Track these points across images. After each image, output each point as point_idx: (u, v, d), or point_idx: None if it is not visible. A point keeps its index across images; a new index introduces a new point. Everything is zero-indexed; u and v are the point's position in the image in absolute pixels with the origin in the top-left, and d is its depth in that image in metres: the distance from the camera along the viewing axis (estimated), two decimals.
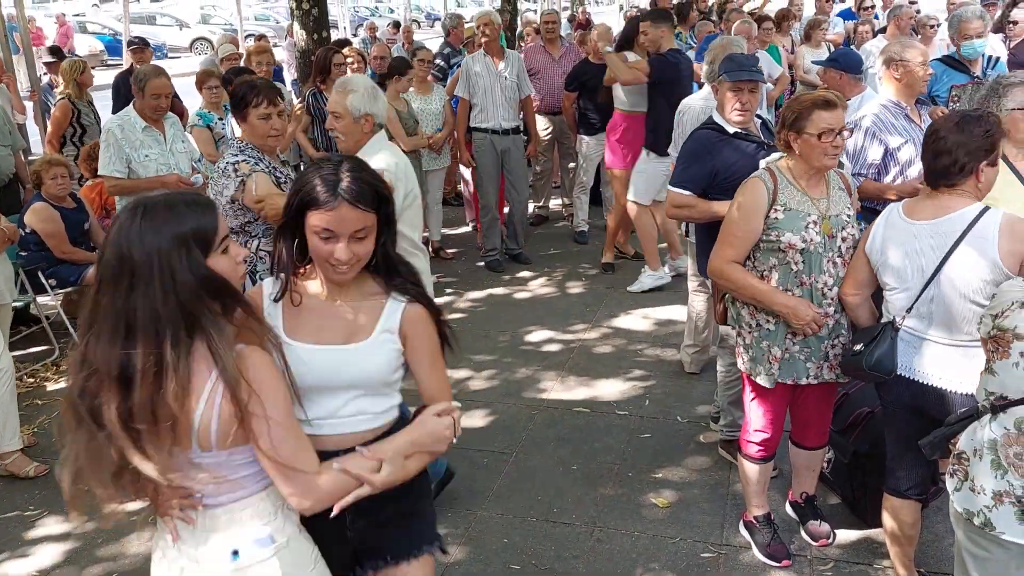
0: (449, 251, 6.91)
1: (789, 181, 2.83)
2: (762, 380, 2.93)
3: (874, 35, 7.68)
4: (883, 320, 2.67)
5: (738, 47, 4.09)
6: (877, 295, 2.76)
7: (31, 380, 4.84)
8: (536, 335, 5.27)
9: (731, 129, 3.47)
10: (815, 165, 2.78)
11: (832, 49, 7.22)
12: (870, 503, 3.12)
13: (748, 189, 2.86)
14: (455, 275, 6.42)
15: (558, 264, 6.63)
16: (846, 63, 4.36)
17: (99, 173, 4.36)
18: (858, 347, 2.63)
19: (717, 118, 3.54)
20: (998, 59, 5.21)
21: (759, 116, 3.70)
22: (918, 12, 7.30)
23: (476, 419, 4.24)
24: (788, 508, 3.37)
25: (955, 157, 2.46)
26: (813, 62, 4.93)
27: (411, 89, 6.42)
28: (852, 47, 7.88)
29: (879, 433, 2.95)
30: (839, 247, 2.81)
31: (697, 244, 3.91)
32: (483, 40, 6.37)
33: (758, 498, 3.18)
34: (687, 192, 3.52)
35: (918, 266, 2.52)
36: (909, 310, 2.56)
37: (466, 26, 9.46)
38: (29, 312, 5.44)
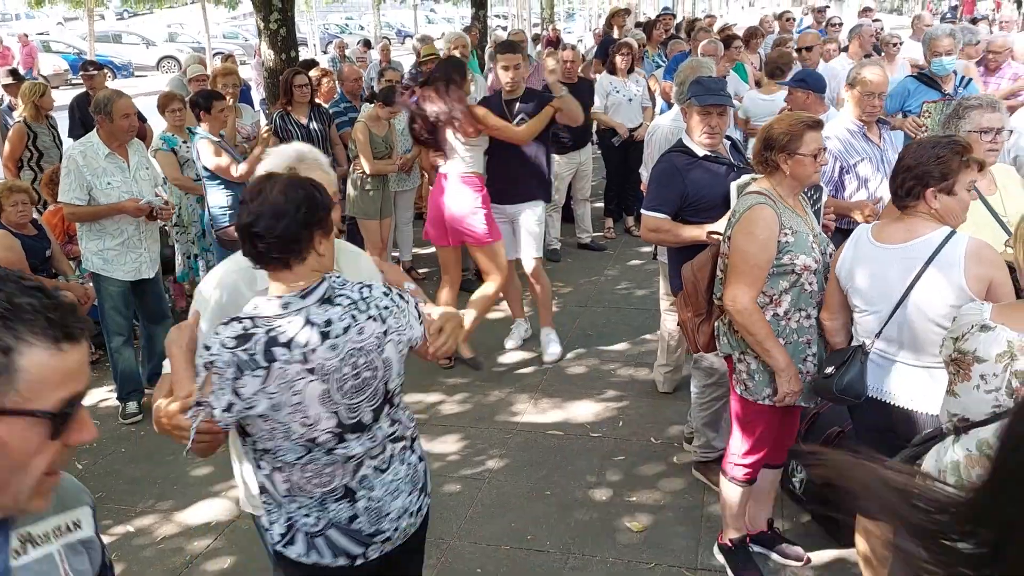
0: (420, 271, 6.87)
1: (783, 203, 2.84)
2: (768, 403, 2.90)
3: (840, 52, 7.78)
4: (853, 342, 2.68)
5: (707, 69, 4.12)
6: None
7: None
8: (509, 356, 5.23)
9: (701, 152, 3.48)
10: (805, 182, 2.83)
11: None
12: (843, 524, 3.12)
13: (761, 217, 2.76)
14: (426, 295, 6.36)
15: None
16: (814, 83, 4.42)
17: (59, 199, 4.27)
18: (829, 370, 2.64)
19: (687, 141, 3.55)
20: (970, 80, 5.32)
21: (728, 136, 3.73)
22: (881, 30, 7.41)
23: (448, 444, 4.19)
24: (752, 546, 3.24)
25: (902, 180, 2.50)
26: (779, 83, 5.00)
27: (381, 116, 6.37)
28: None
29: (851, 452, 2.95)
30: (827, 264, 2.83)
31: (669, 265, 3.91)
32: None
33: (737, 521, 3.16)
34: (661, 215, 3.52)
35: (886, 289, 2.53)
36: (879, 333, 2.56)
37: (426, 46, 9.45)
38: None
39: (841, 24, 10.28)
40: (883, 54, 7.03)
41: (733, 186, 3.23)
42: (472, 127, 4.58)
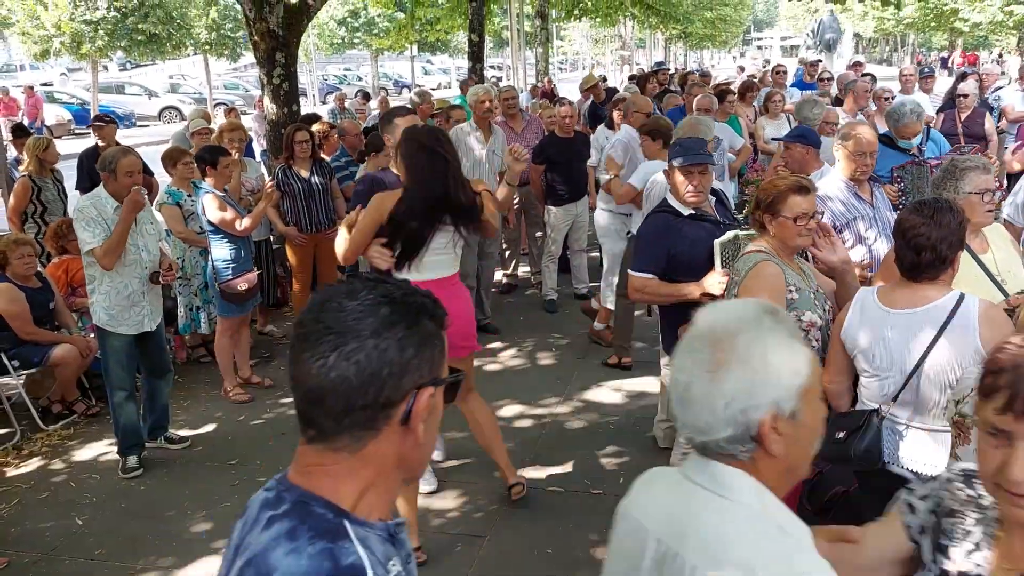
0: None
1: (782, 260, 2.89)
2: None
3: (833, 105, 7.92)
4: (858, 406, 2.70)
5: (706, 126, 4.23)
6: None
7: None
8: (508, 410, 5.24)
9: (686, 211, 3.57)
10: (789, 245, 2.88)
11: (791, 120, 7.44)
12: None
13: (768, 273, 2.76)
14: None
15: (528, 334, 6.63)
16: (812, 139, 4.52)
17: (87, 249, 4.27)
18: (840, 435, 2.64)
19: (672, 200, 3.65)
20: (930, 130, 5.43)
21: (714, 191, 3.83)
22: (873, 83, 7.56)
23: (448, 500, 4.18)
24: None
25: (939, 252, 2.51)
26: (773, 139, 5.10)
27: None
28: None
29: (857, 512, 2.94)
30: (829, 321, 2.87)
31: (662, 322, 3.96)
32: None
33: None
34: (648, 275, 3.60)
35: (897, 355, 2.56)
36: (895, 399, 2.58)
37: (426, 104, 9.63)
38: None
39: (831, 78, 10.50)
40: (876, 108, 7.18)
41: (716, 244, 3.29)
42: None
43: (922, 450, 2.57)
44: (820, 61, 13.49)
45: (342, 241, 3.54)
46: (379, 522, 1.15)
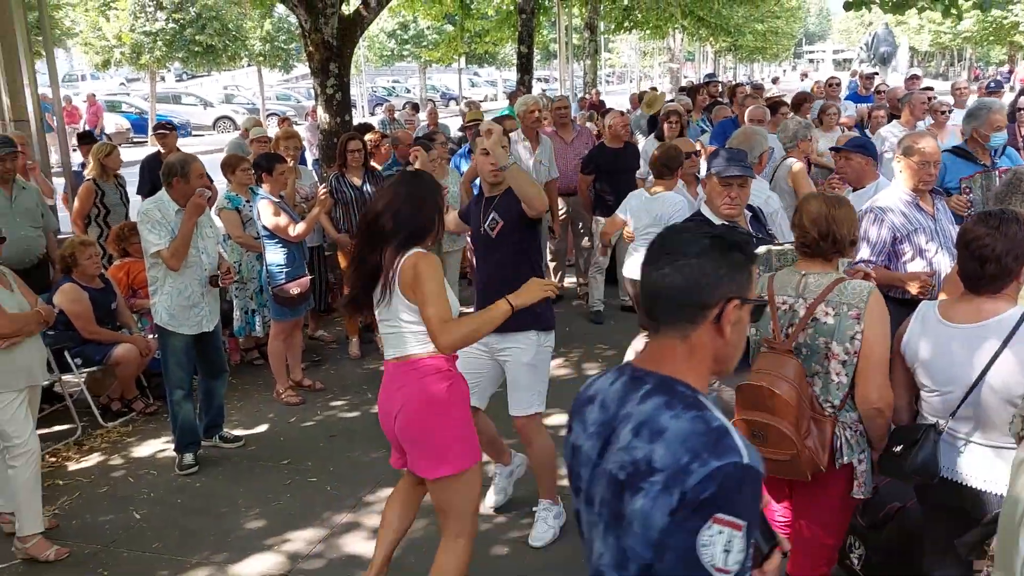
0: None
1: None
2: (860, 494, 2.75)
3: (888, 120, 7.82)
4: (918, 420, 2.66)
5: (761, 137, 4.20)
6: None
7: (52, 460, 4.85)
8: (554, 419, 5.23)
9: (719, 222, 3.51)
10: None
11: (844, 132, 7.35)
12: None
13: (884, 305, 2.60)
14: None
15: (574, 345, 6.63)
16: (872, 149, 4.48)
17: (152, 252, 4.41)
18: (897, 448, 2.61)
19: (705, 211, 3.59)
20: (1006, 147, 5.31)
21: (750, 207, 3.77)
22: (932, 99, 7.44)
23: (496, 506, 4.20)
24: None
25: (1004, 264, 2.47)
26: (831, 149, 5.01)
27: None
28: (866, 131, 8.03)
29: (911, 529, 2.91)
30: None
31: None
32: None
33: None
34: None
35: (958, 370, 2.51)
36: (953, 413, 2.54)
37: (472, 111, 9.72)
38: (53, 390, 5.49)
39: (884, 91, 10.34)
40: (932, 122, 7.06)
41: (763, 250, 3.24)
42: None
43: (982, 465, 2.53)
44: (876, 74, 13.30)
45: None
46: (708, 395, 1.53)
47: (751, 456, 1.39)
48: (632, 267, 5.16)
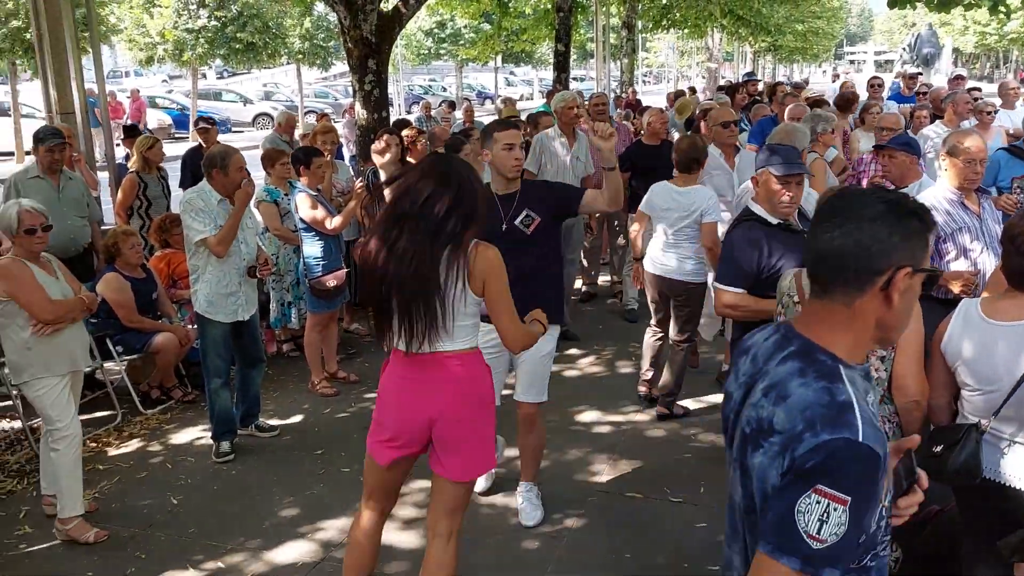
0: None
1: None
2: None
3: (931, 120, 7.68)
4: (959, 420, 2.61)
5: (801, 134, 4.15)
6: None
7: (93, 445, 4.95)
8: (586, 415, 5.24)
9: (774, 220, 3.47)
10: None
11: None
12: None
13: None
14: None
15: (607, 342, 6.62)
16: (916, 147, 4.41)
17: (196, 239, 4.49)
18: (937, 449, 2.56)
19: (757, 209, 3.52)
20: None
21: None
22: (976, 99, 7.29)
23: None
24: None
25: None
26: (875, 147, 4.93)
27: None
28: (908, 131, 7.90)
29: (950, 532, 2.86)
30: None
31: (734, 334, 3.89)
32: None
33: None
34: (739, 290, 3.46)
35: (1002, 368, 2.47)
36: (996, 413, 2.50)
37: (508, 107, 9.73)
38: (95, 377, 5.60)
39: (927, 91, 10.16)
40: (976, 122, 6.93)
41: None
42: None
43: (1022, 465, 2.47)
44: (920, 74, 13.08)
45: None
46: (859, 365, 1.53)
47: (869, 436, 1.39)
48: (654, 260, 5.08)
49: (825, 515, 1.38)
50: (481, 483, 4.18)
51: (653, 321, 5.29)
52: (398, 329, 2.70)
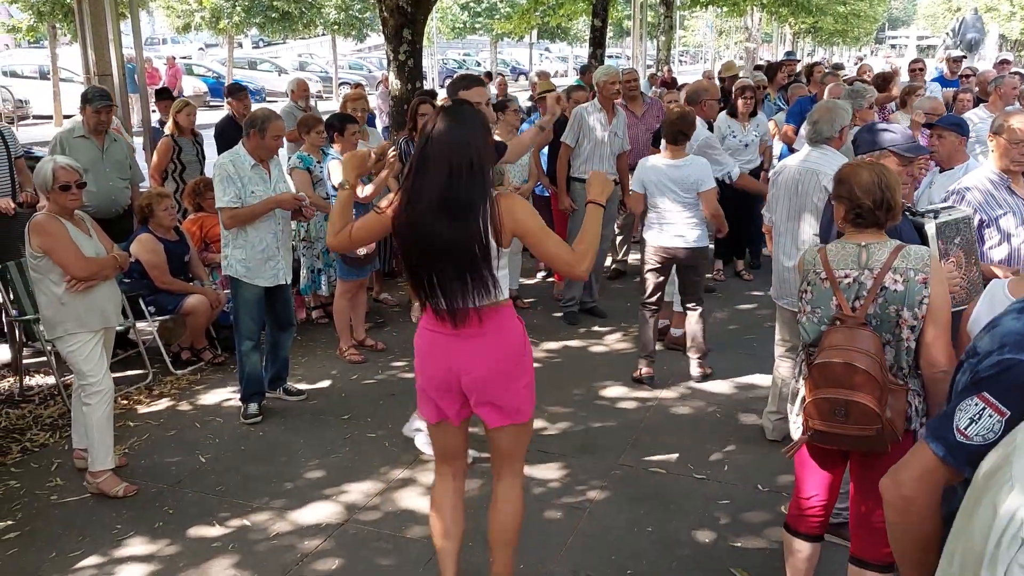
0: (525, 301, 6.96)
1: None
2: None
3: (975, 104, 7.51)
4: None
5: (843, 110, 4.08)
6: None
7: (124, 402, 5.03)
8: (611, 391, 5.23)
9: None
10: None
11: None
12: None
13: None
14: (530, 325, 6.42)
15: (634, 320, 6.56)
16: (965, 128, 4.31)
17: (217, 205, 4.55)
18: None
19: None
20: None
21: None
22: (1022, 82, 7.11)
23: (550, 471, 4.21)
24: None
25: None
26: (925, 125, 4.80)
27: (498, 139, 6.53)
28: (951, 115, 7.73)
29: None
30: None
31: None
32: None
33: None
34: None
35: None
36: None
37: (543, 81, 9.64)
38: (127, 337, 5.68)
39: (971, 75, 9.93)
40: (1022, 105, 6.76)
41: (933, 226, 3.09)
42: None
43: None
44: (964, 57, 12.76)
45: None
46: None
47: None
48: (660, 232, 5.13)
49: (977, 416, 1.52)
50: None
51: (650, 299, 5.31)
52: (441, 289, 2.67)
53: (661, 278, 5.25)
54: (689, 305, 5.30)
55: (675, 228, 5.08)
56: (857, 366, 2.45)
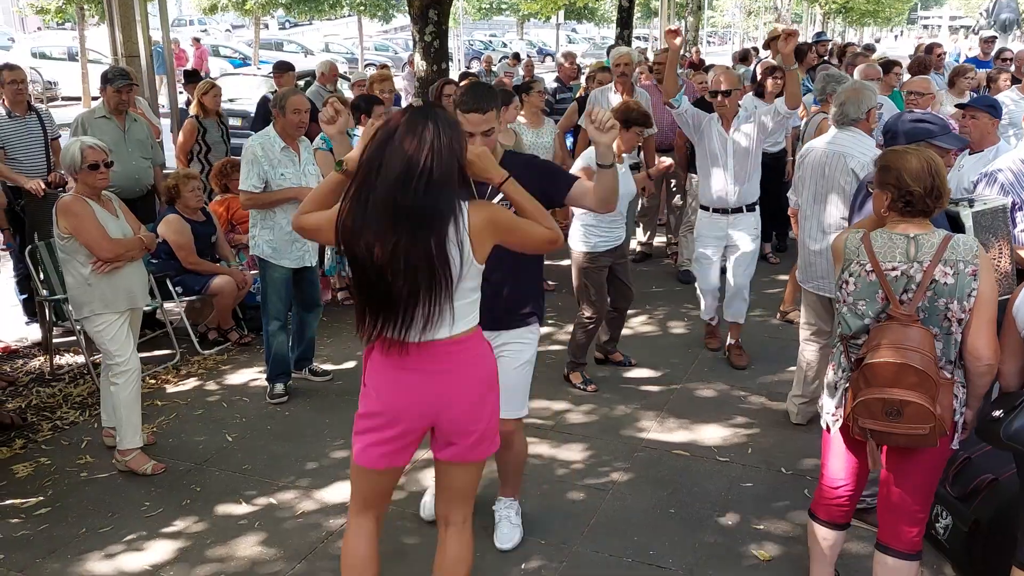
0: (550, 283, 6.94)
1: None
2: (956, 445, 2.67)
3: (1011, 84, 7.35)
4: None
5: (870, 92, 4.01)
6: None
7: (152, 382, 5.10)
8: (636, 372, 5.22)
9: None
10: None
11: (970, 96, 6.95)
12: None
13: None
14: (555, 307, 6.44)
15: (661, 302, 6.56)
16: (998, 109, 4.22)
17: (240, 187, 4.59)
18: (997, 413, 2.49)
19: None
20: None
21: None
22: None
23: (573, 452, 4.22)
24: None
25: None
26: (957, 106, 4.69)
27: (523, 121, 6.51)
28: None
29: (1004, 501, 2.79)
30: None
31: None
32: (619, 78, 6.51)
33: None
34: None
35: None
36: None
37: (586, 62, 9.57)
38: (155, 317, 5.75)
39: (1011, 58, 9.70)
40: None
41: (969, 216, 3.03)
42: None
43: None
44: (995, 37, 12.47)
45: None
46: None
47: None
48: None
49: None
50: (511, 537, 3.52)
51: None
52: (396, 319, 2.31)
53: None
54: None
55: None
56: (915, 367, 2.38)
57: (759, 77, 7.29)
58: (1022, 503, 2.62)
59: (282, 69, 8.30)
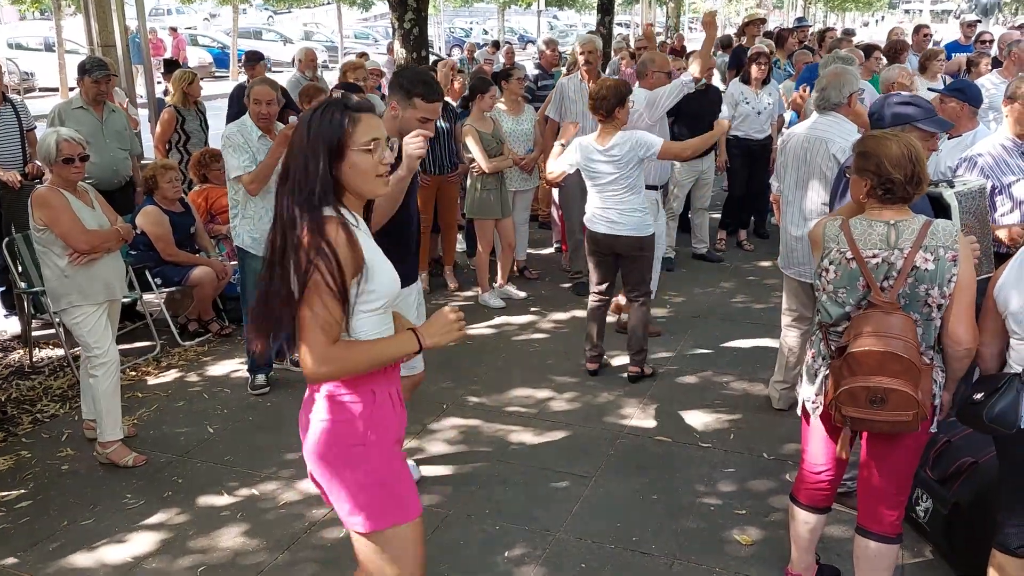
0: (533, 272, 6.94)
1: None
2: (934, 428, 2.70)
3: (992, 67, 7.40)
4: (1007, 370, 2.54)
5: (852, 76, 4.02)
6: None
7: (132, 374, 5.06)
8: (619, 360, 5.22)
9: None
10: None
11: (946, 80, 6.98)
12: (970, 558, 2.98)
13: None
14: (539, 295, 6.44)
15: None
16: (970, 95, 4.20)
17: (232, 176, 4.53)
18: (978, 396, 2.51)
19: None
20: None
21: None
22: None
23: (557, 439, 4.23)
24: None
25: None
26: (930, 89, 4.70)
27: (502, 108, 6.48)
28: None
29: (984, 484, 2.82)
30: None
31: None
32: (584, 66, 6.39)
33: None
34: None
35: None
36: None
37: (567, 51, 9.55)
38: (135, 309, 5.70)
39: (992, 41, 9.76)
40: None
41: (953, 196, 3.02)
42: None
43: None
44: (979, 21, 12.54)
45: None
46: None
47: None
48: (594, 215, 4.80)
49: None
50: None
51: (597, 288, 4.95)
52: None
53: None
54: (631, 296, 4.92)
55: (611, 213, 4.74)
56: (899, 355, 2.39)
57: (746, 63, 7.29)
58: (1002, 486, 2.64)
59: (253, 60, 8.23)
